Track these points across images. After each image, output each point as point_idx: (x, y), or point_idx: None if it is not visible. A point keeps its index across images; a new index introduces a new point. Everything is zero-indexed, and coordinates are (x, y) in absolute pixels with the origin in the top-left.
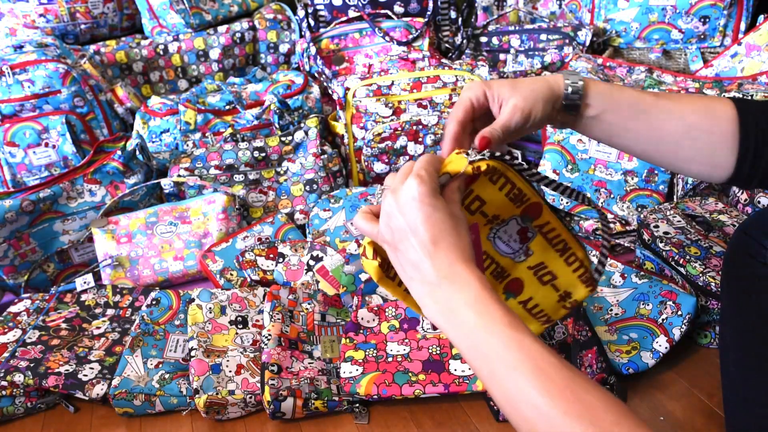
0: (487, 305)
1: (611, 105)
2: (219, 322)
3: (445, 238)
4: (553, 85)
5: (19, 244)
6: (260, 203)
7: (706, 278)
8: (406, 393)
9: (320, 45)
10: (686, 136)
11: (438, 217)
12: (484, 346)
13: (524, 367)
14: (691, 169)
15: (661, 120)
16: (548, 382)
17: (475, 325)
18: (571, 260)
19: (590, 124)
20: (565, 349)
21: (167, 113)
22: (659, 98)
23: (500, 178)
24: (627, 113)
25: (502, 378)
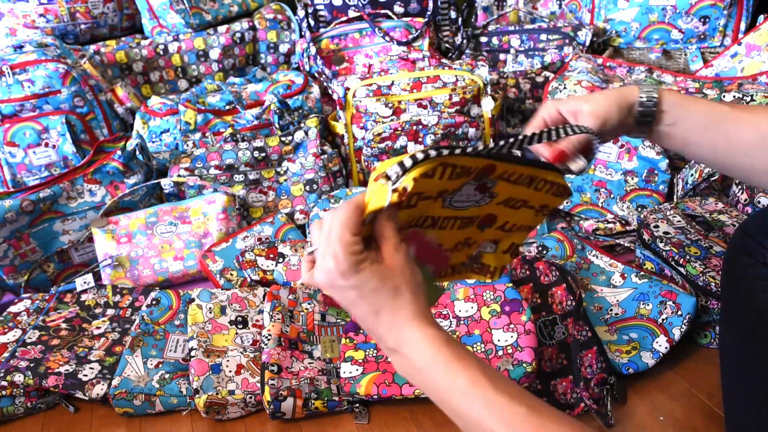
0: (447, 364)
1: (685, 115)
2: (219, 322)
3: (384, 306)
4: (627, 94)
5: (19, 244)
6: (260, 203)
7: (706, 278)
8: (406, 393)
9: (320, 45)
10: (760, 147)
11: (368, 289)
12: (453, 404)
13: (492, 423)
14: (763, 178)
15: (735, 129)
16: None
17: (439, 386)
18: (540, 186)
19: (665, 133)
20: (565, 349)
21: (167, 113)
22: (734, 108)
23: (436, 169)
24: (701, 123)
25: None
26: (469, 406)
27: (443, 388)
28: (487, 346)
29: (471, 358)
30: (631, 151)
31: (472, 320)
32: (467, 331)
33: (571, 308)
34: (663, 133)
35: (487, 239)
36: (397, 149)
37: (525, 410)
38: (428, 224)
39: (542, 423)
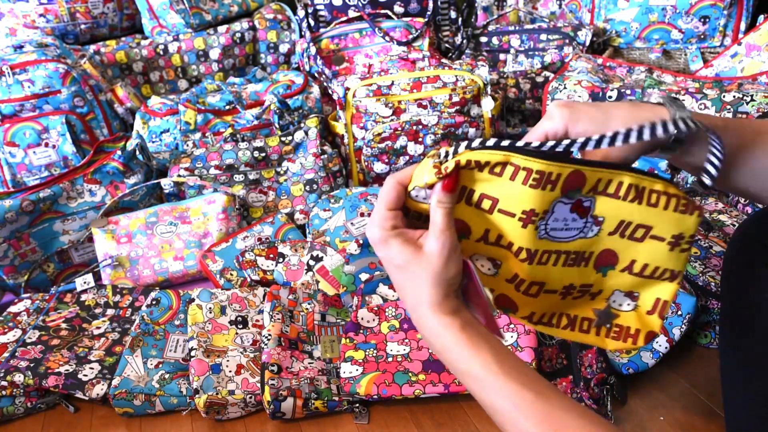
0: (461, 351)
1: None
2: (219, 322)
3: (405, 286)
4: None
5: (19, 244)
6: (260, 203)
7: (706, 278)
8: (406, 393)
9: (320, 45)
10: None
11: (393, 265)
12: (469, 387)
13: (504, 407)
14: None
15: (762, 154)
16: (525, 419)
17: (455, 369)
18: (654, 200)
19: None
20: (565, 349)
21: (167, 113)
22: (759, 134)
23: (506, 168)
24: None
25: (489, 412)
26: (482, 390)
27: (459, 371)
28: None
29: (485, 344)
30: None
31: None
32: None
33: None
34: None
35: (617, 288)
36: (397, 149)
37: (533, 396)
38: (523, 257)
39: (550, 409)
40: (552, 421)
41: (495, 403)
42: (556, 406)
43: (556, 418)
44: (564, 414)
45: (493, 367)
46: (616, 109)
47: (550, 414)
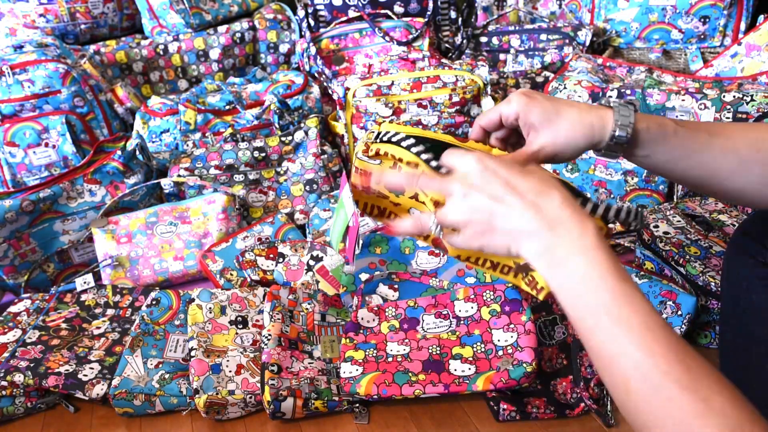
0: (598, 255)
1: (662, 148)
2: (219, 322)
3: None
4: (597, 127)
5: (19, 244)
6: (260, 203)
7: (706, 278)
8: (406, 393)
9: (320, 45)
10: (739, 171)
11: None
12: (591, 298)
13: (631, 322)
14: (741, 198)
15: (713, 159)
16: (653, 341)
17: (584, 276)
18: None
19: (635, 160)
20: (565, 349)
21: (167, 113)
22: (713, 136)
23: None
24: (677, 155)
25: (605, 331)
26: (610, 300)
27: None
28: (487, 346)
29: (618, 259)
30: None
31: (472, 320)
32: (467, 331)
33: None
34: (633, 159)
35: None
36: None
37: (664, 323)
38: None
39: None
40: (678, 351)
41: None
42: (682, 342)
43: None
44: (689, 350)
45: (630, 281)
46: (568, 107)
47: (677, 344)
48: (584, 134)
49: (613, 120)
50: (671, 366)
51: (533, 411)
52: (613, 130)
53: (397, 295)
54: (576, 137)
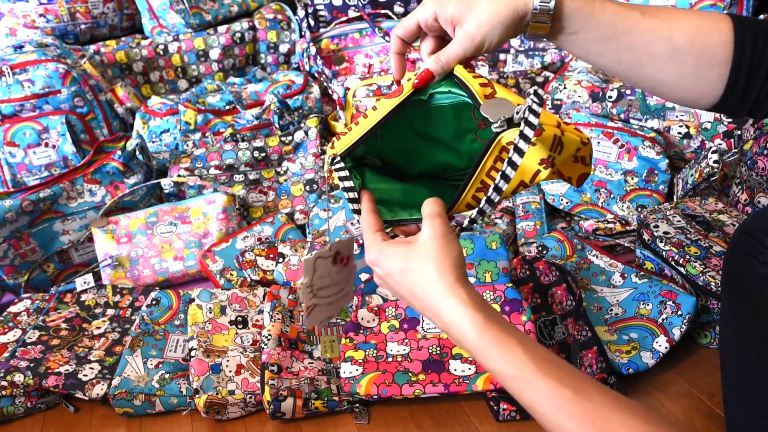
0: (491, 349)
1: (589, 24)
2: (219, 322)
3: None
4: (519, 5)
5: (19, 244)
6: (260, 203)
7: (706, 278)
8: (406, 393)
9: (320, 45)
10: (672, 60)
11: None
12: (506, 387)
13: (543, 407)
14: (675, 94)
15: (644, 41)
16: (568, 419)
17: (490, 369)
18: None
19: (564, 41)
20: (565, 349)
21: (167, 113)
22: (645, 16)
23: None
24: (606, 34)
25: (531, 413)
26: (518, 390)
27: (493, 371)
28: None
29: (515, 338)
30: (631, 151)
31: None
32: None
33: (571, 308)
34: (562, 40)
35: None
36: None
37: (572, 393)
38: None
39: (591, 407)
40: (594, 419)
41: (533, 403)
42: (597, 403)
43: (598, 415)
44: (606, 410)
45: (527, 365)
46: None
47: (591, 412)
48: (508, 7)
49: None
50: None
51: None
52: (536, 5)
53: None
54: (500, 13)
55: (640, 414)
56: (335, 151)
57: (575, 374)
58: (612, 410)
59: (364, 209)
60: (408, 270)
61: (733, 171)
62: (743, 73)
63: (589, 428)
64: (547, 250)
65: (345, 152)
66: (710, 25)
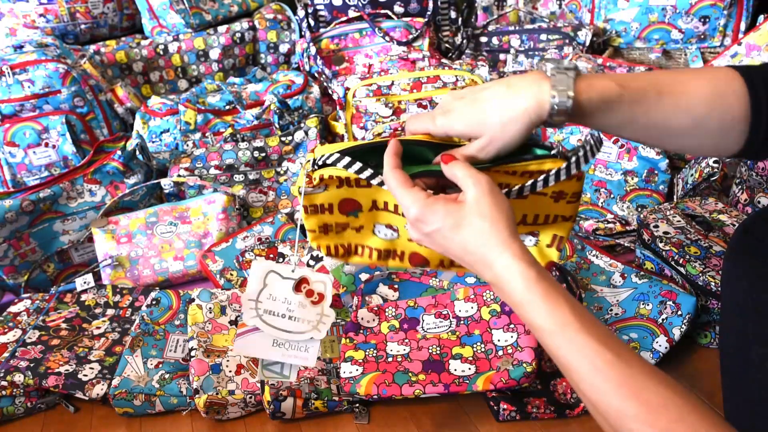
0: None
1: (608, 114)
2: (219, 322)
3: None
4: (533, 113)
5: (19, 244)
6: (260, 203)
7: (706, 278)
8: (406, 393)
9: (320, 45)
10: (695, 128)
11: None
12: (545, 342)
13: (581, 366)
14: (697, 151)
15: (665, 119)
16: (604, 381)
17: (533, 324)
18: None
19: (584, 123)
20: None
21: (167, 113)
22: (662, 95)
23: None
24: (627, 117)
25: (565, 372)
26: (558, 346)
27: (536, 326)
28: (487, 346)
29: (563, 296)
30: (631, 151)
31: (472, 320)
32: (467, 331)
33: None
34: (583, 122)
35: (522, 232)
36: None
37: (612, 357)
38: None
39: (630, 372)
40: (631, 385)
41: (572, 361)
42: (637, 370)
43: (636, 382)
44: (645, 379)
45: (571, 323)
46: (492, 100)
47: (630, 378)
48: (521, 122)
49: (549, 97)
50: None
51: (533, 411)
52: (551, 108)
53: (397, 295)
54: (514, 128)
55: (677, 388)
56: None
57: (619, 341)
58: (650, 379)
59: (388, 166)
60: (460, 225)
61: (733, 171)
62: (763, 125)
63: (624, 392)
64: None
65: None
66: (724, 88)
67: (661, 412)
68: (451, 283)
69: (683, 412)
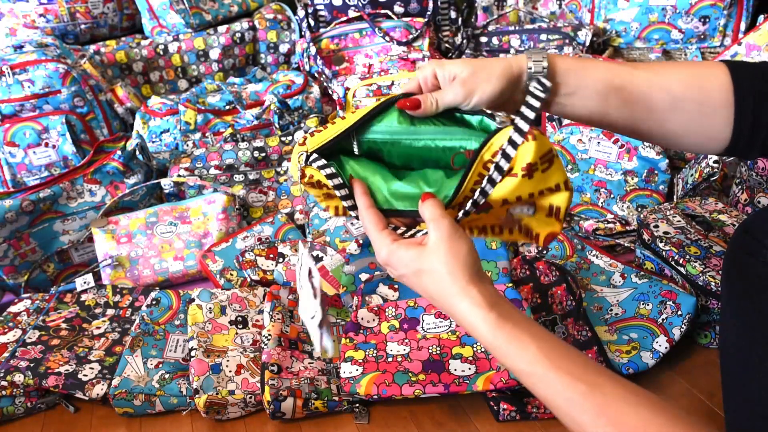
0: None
1: (583, 82)
2: (219, 322)
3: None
4: (512, 63)
5: (19, 244)
6: (260, 203)
7: (706, 278)
8: (406, 393)
9: (320, 45)
10: (673, 109)
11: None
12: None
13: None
14: (683, 142)
15: (642, 94)
16: (582, 413)
17: (506, 365)
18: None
19: (562, 104)
20: None
21: (167, 113)
22: (637, 69)
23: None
24: (603, 89)
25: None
26: (533, 385)
27: (509, 367)
28: None
29: (527, 334)
30: (631, 151)
31: None
32: (467, 331)
33: (571, 308)
34: (561, 104)
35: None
36: None
37: (586, 388)
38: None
39: (605, 401)
40: (608, 414)
41: (548, 398)
42: (612, 397)
43: (612, 410)
44: (621, 404)
45: (539, 362)
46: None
47: (605, 406)
48: (501, 64)
49: (526, 57)
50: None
51: (533, 411)
52: (529, 64)
53: (397, 295)
54: (493, 67)
55: (656, 406)
56: (306, 148)
57: (590, 367)
58: (627, 403)
59: (361, 205)
60: (421, 273)
61: (733, 171)
62: (747, 115)
63: (603, 422)
64: (547, 250)
65: (318, 149)
66: (704, 71)
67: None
68: None
69: (663, 429)
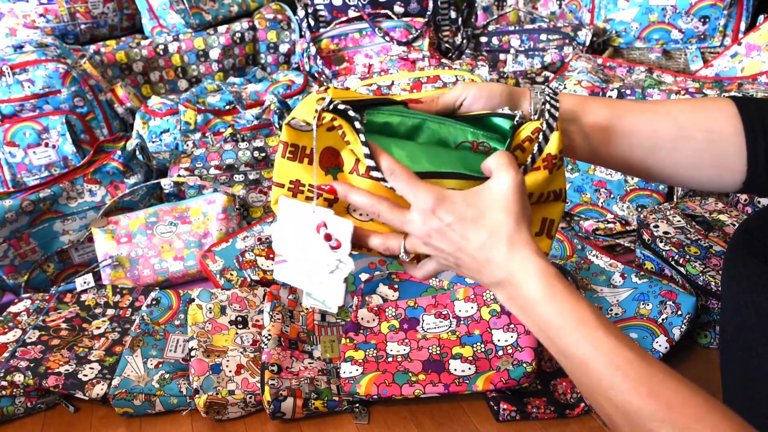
0: (560, 300)
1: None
2: (219, 322)
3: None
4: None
5: (19, 244)
6: (260, 203)
7: (706, 278)
8: (406, 393)
9: (320, 45)
10: (681, 137)
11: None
12: (561, 341)
13: (599, 363)
14: (696, 176)
15: (645, 122)
16: (623, 380)
17: (550, 322)
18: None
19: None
20: None
21: (167, 113)
22: (638, 102)
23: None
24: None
25: (578, 372)
26: (577, 345)
27: (553, 324)
28: (487, 346)
29: (581, 296)
30: None
31: (472, 320)
32: (467, 331)
33: None
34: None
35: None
36: None
37: (633, 355)
38: None
39: (650, 371)
40: (651, 384)
41: (590, 358)
42: (657, 369)
43: (655, 381)
44: (665, 378)
45: (591, 321)
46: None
47: (650, 376)
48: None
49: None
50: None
51: (533, 411)
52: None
53: (397, 295)
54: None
55: (697, 389)
56: (330, 95)
57: (636, 344)
58: (670, 378)
59: (388, 161)
60: (483, 217)
61: None
62: (761, 143)
63: (643, 390)
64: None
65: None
66: (708, 103)
67: (681, 411)
68: (451, 283)
69: (702, 411)
